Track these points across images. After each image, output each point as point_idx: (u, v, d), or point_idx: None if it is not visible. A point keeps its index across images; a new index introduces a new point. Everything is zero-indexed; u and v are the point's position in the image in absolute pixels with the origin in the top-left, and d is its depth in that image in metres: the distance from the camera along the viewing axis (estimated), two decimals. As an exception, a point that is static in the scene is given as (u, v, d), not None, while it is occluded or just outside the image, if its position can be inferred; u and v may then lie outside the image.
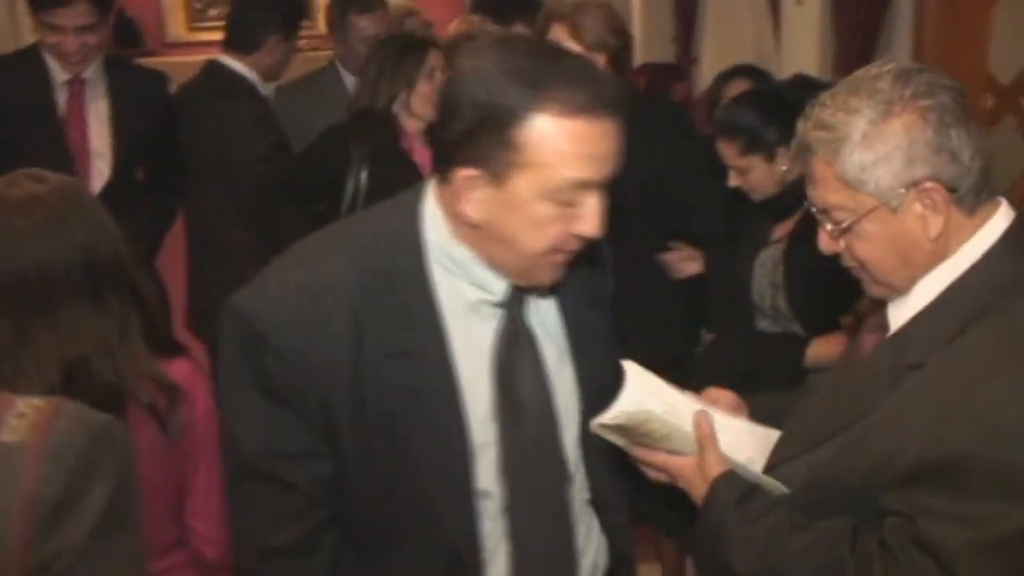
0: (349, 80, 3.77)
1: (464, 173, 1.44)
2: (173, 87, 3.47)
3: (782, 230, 2.70)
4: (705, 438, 1.60)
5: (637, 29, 6.85)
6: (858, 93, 1.46)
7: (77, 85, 3.18)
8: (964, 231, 1.47)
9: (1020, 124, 3.39)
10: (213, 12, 13.52)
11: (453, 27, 4.63)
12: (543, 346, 1.62)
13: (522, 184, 1.43)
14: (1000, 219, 1.49)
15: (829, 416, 1.57)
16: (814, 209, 1.55)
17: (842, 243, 1.52)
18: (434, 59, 3.13)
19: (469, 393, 1.55)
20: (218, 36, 3.70)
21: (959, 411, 1.37)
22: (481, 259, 1.53)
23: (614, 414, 1.56)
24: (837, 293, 2.20)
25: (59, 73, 3.16)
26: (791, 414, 1.71)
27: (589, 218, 1.47)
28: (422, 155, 3.16)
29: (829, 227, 1.52)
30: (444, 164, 1.48)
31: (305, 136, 3.35)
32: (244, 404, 1.52)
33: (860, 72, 1.51)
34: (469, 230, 1.50)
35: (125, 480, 1.08)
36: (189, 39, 13.43)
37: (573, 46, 2.93)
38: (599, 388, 1.62)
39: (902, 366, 1.47)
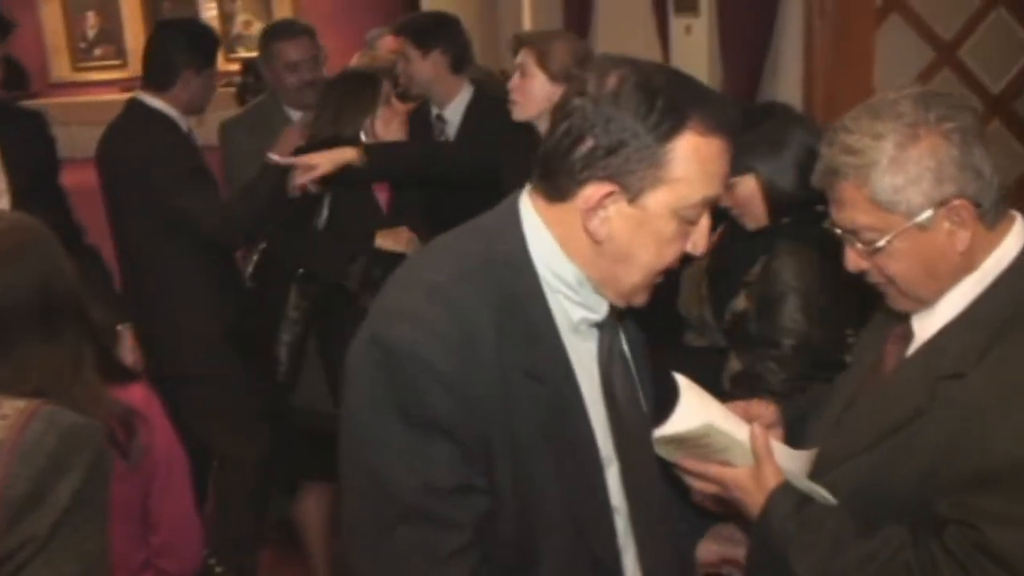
0: (289, 109, 3.80)
1: (599, 189, 1.41)
2: (51, 127, 3.45)
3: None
4: (762, 449, 1.62)
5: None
6: (881, 118, 1.50)
7: None
8: (987, 244, 1.52)
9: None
10: (98, 52, 13.38)
11: (355, 60, 4.62)
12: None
13: (658, 200, 1.42)
14: (1018, 231, 1.54)
15: (867, 425, 1.59)
16: (839, 230, 1.58)
17: (871, 262, 1.56)
18: (386, 87, 3.25)
19: (591, 411, 1.54)
20: (104, 76, 3.69)
21: (1014, 417, 1.41)
22: (591, 278, 1.51)
23: (676, 427, 1.57)
24: None
25: None
26: (820, 426, 1.74)
27: (699, 236, 1.48)
28: (380, 187, 3.26)
29: (859, 247, 1.56)
30: (566, 182, 1.44)
31: (255, 165, 3.33)
32: (400, 443, 1.42)
33: (877, 98, 1.55)
34: (586, 248, 1.48)
35: (94, 477, 1.15)
36: (74, 79, 13.22)
37: (538, 72, 3.01)
38: (652, 401, 1.67)
39: (936, 376, 1.50)
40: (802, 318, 2.20)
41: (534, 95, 3.03)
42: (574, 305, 1.52)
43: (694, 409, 1.58)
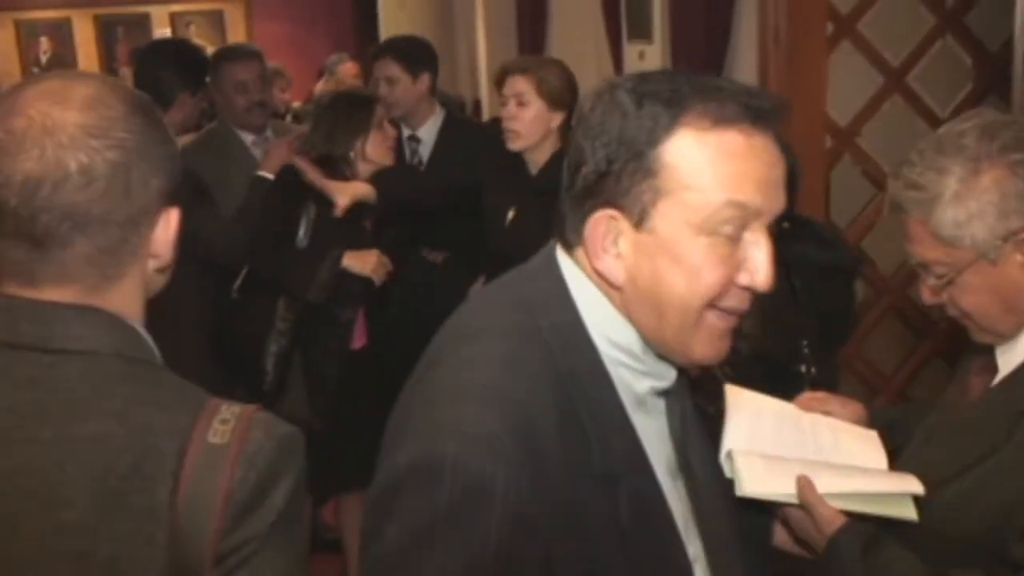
0: (240, 132, 3.80)
1: (599, 217, 1.21)
2: None
3: None
4: (809, 497, 1.52)
5: (484, 84, 6.97)
6: (944, 151, 1.48)
7: None
8: None
9: (857, 162, 3.57)
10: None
11: (321, 85, 4.65)
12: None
13: (667, 217, 1.18)
14: None
15: (944, 460, 1.56)
16: (913, 263, 1.56)
17: (945, 295, 1.54)
18: (380, 111, 3.32)
19: (672, 504, 1.29)
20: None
21: None
22: (651, 340, 1.26)
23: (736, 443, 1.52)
24: None
25: None
26: (901, 457, 1.70)
27: (757, 264, 1.21)
28: None
29: (931, 281, 1.54)
30: (573, 222, 1.24)
31: (220, 190, 3.38)
32: None
33: (944, 129, 1.54)
34: (618, 297, 1.24)
35: (299, 484, 1.21)
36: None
37: (535, 99, 3.01)
38: None
39: (1017, 412, 1.48)
40: (759, 326, 2.18)
41: (532, 123, 3.03)
42: (639, 376, 1.28)
43: (744, 429, 1.52)
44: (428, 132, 3.75)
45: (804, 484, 1.52)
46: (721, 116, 1.17)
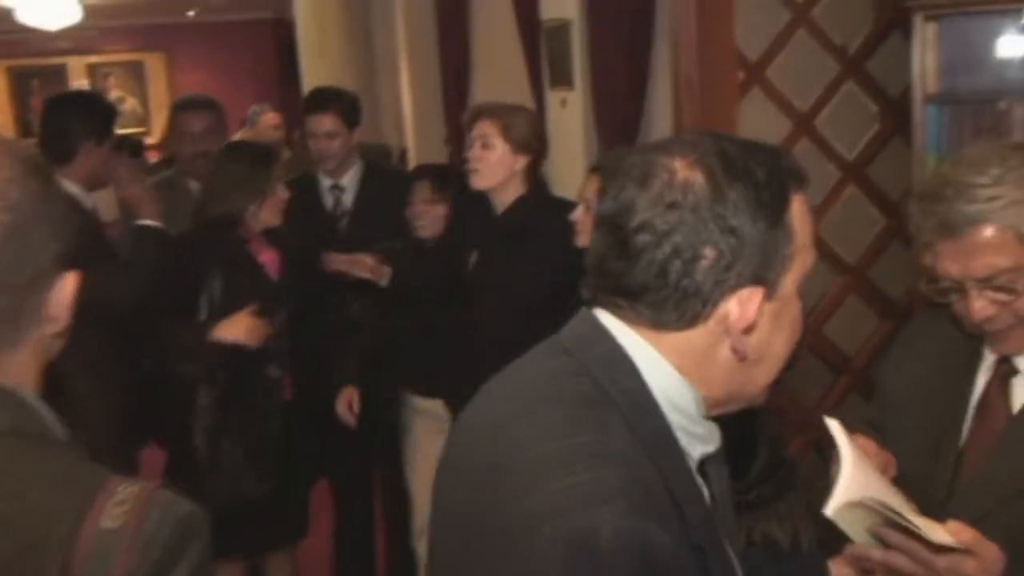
0: (189, 180, 3.91)
1: (751, 298, 1.18)
2: None
3: None
4: (972, 539, 1.46)
5: (410, 132, 7.07)
6: (1003, 162, 1.59)
7: None
8: None
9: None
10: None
11: (239, 135, 4.74)
12: None
13: (790, 281, 1.21)
14: None
15: (1002, 476, 1.60)
16: (972, 280, 1.62)
17: (1002, 306, 1.60)
18: (276, 171, 3.32)
19: None
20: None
21: None
22: (710, 398, 1.24)
23: (850, 495, 1.40)
24: None
25: None
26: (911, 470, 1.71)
27: (800, 311, 1.26)
28: (267, 255, 3.35)
29: (999, 295, 1.61)
30: (693, 307, 1.18)
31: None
32: None
33: (972, 152, 1.66)
34: (720, 369, 1.22)
35: (203, 563, 1.15)
36: None
37: (500, 143, 3.10)
38: None
39: None
40: None
41: (496, 165, 3.13)
42: (694, 441, 1.24)
43: (859, 472, 1.42)
44: (351, 180, 3.88)
45: (957, 528, 1.47)
46: (799, 176, 1.22)
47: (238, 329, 3.13)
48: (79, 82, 12.50)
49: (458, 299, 3.32)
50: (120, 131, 10.55)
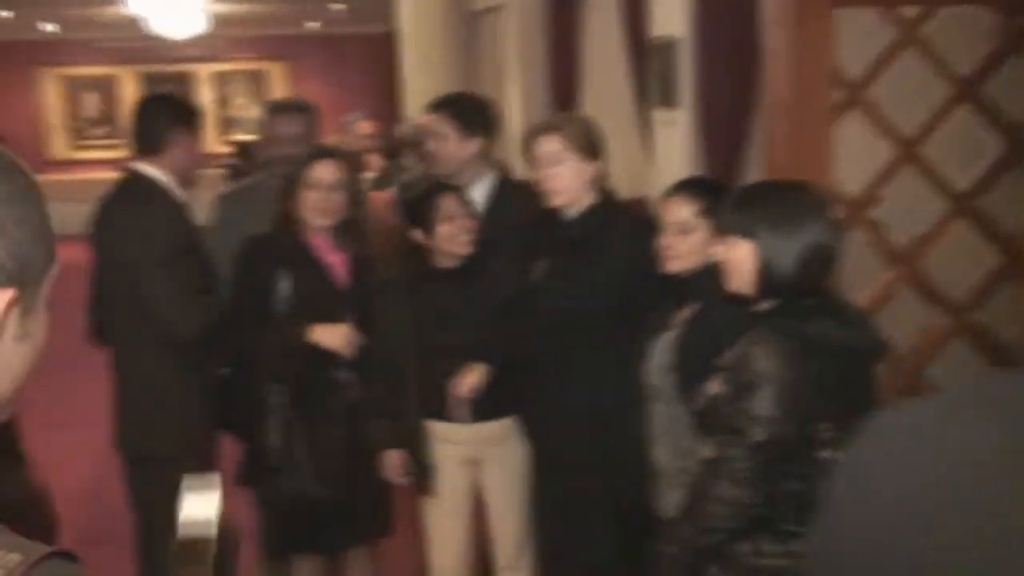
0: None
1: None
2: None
3: (680, 315, 2.76)
4: None
5: (518, 150, 7.06)
6: None
7: None
8: None
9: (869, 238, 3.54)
10: (97, 131, 13.57)
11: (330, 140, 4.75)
12: None
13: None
14: None
15: None
16: None
17: None
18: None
19: None
20: (100, 155, 3.73)
21: None
22: None
23: None
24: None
25: None
26: None
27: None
28: (335, 258, 3.30)
29: None
30: None
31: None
32: None
33: None
34: None
35: None
36: (71, 157, 13.44)
37: (568, 155, 3.06)
38: None
39: None
40: (775, 410, 2.12)
41: (572, 178, 3.06)
42: None
43: None
44: (479, 193, 3.61)
45: None
46: None
47: (336, 338, 3.17)
48: (202, 88, 12.87)
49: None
50: (242, 138, 10.82)
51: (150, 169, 3.33)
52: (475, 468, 3.32)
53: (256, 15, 11.50)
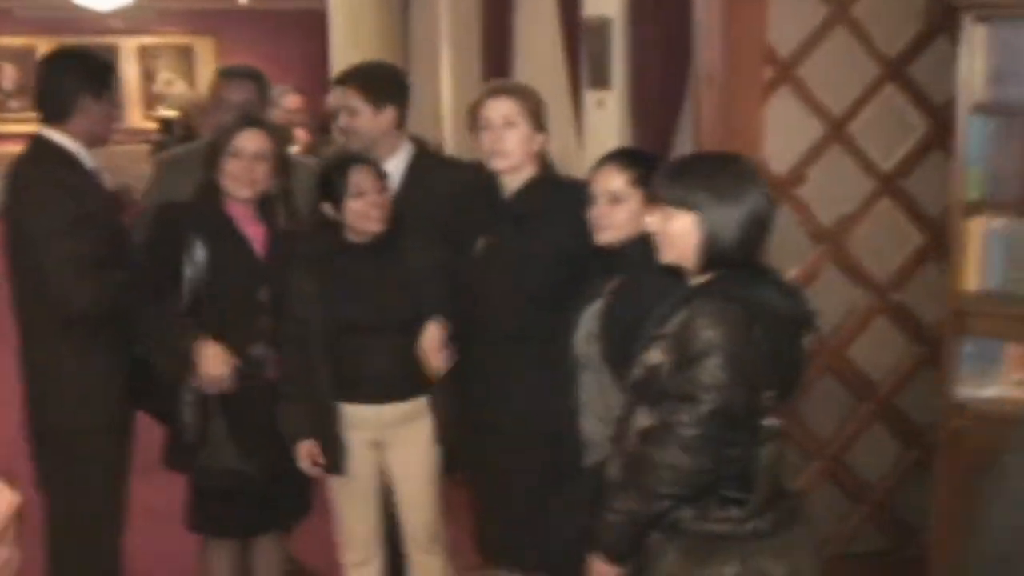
0: None
1: None
2: None
3: (609, 285, 2.73)
4: None
5: (447, 126, 7.03)
6: None
7: None
8: None
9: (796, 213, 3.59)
10: (13, 104, 13.22)
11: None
12: None
13: None
14: None
15: None
16: None
17: None
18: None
19: None
20: (17, 128, 3.60)
21: None
22: None
23: None
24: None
25: None
26: None
27: None
28: (255, 230, 3.20)
29: None
30: None
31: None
32: None
33: None
34: None
35: None
36: (-12, 131, 13.10)
37: (522, 120, 3.00)
38: None
39: None
40: (724, 377, 2.12)
41: (521, 144, 3.02)
42: None
43: None
44: (395, 166, 3.48)
45: None
46: None
47: (216, 366, 3.08)
48: (128, 63, 12.60)
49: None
50: (166, 113, 10.57)
51: (56, 135, 3.19)
52: (381, 451, 3.22)
53: (184, -13, 11.29)
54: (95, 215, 3.17)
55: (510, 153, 3.02)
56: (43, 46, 12.64)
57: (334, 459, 3.14)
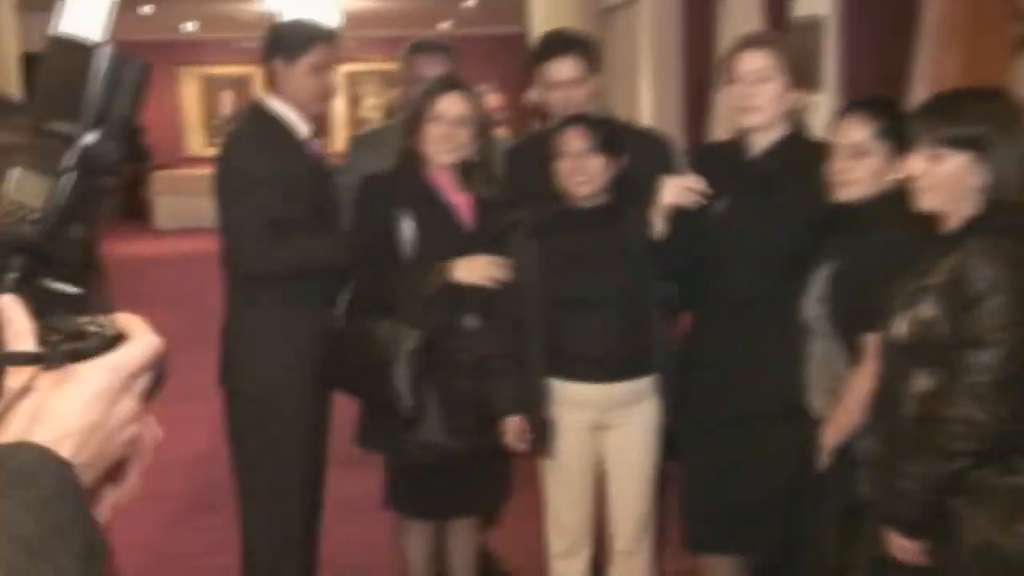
0: None
1: None
2: None
3: (842, 245, 2.57)
4: None
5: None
6: None
7: None
8: None
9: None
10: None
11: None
12: None
13: None
14: None
15: None
16: None
17: None
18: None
19: None
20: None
21: None
22: None
23: None
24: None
25: None
26: None
27: None
28: (460, 198, 3.10)
29: None
30: None
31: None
32: None
33: None
34: None
35: None
36: (206, 154, 13.86)
37: (776, 75, 2.79)
38: None
39: None
40: (1011, 316, 1.97)
41: (775, 100, 2.81)
42: None
43: None
44: None
45: None
46: None
47: (479, 271, 2.96)
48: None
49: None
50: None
51: (270, 99, 3.18)
52: (600, 435, 3.03)
53: (388, 13, 11.62)
54: (292, 180, 3.10)
55: (762, 108, 2.79)
56: (256, 75, 13.31)
57: (542, 438, 3.00)
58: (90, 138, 0.88)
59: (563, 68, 3.24)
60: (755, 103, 2.78)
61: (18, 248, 0.88)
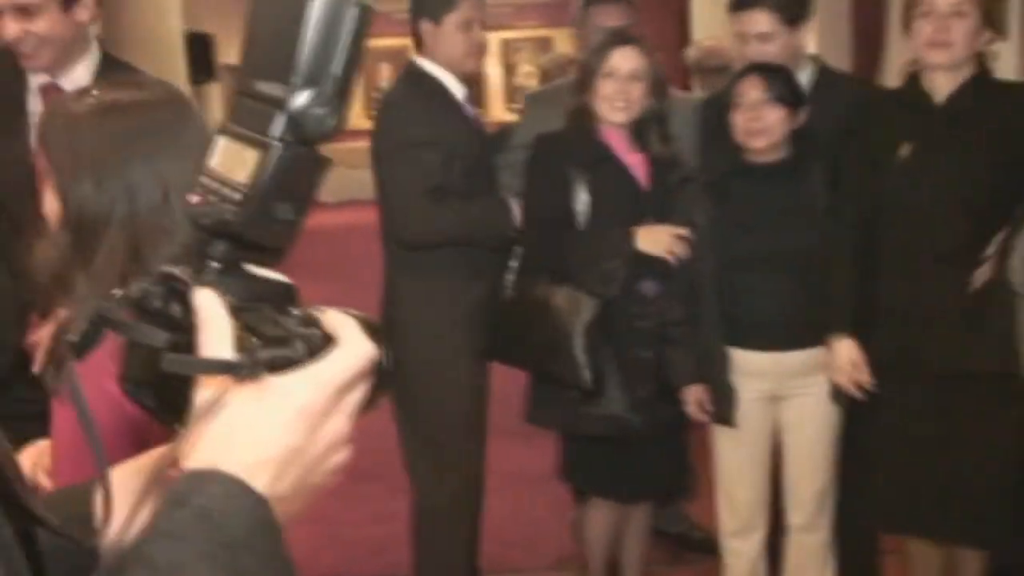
0: None
1: None
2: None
3: None
4: None
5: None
6: None
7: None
8: None
9: None
10: (389, 101, 14.18)
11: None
12: None
13: None
14: None
15: None
16: None
17: None
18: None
19: None
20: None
21: None
22: None
23: None
24: None
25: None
26: None
27: None
28: (634, 158, 2.98)
29: None
30: None
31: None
32: None
33: None
34: None
35: None
36: (364, 127, 14.05)
37: (972, 10, 2.61)
38: None
39: None
40: None
41: (969, 36, 2.62)
42: None
43: None
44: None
45: None
46: None
47: (662, 242, 2.85)
48: (491, 57, 13.05)
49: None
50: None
51: (423, 62, 3.13)
52: (776, 406, 2.90)
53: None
54: (451, 143, 3.05)
55: (953, 44, 2.62)
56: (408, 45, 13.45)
57: (724, 408, 2.87)
58: (302, 101, 0.73)
59: (755, 20, 3.06)
60: (949, 37, 2.60)
61: (221, 233, 0.75)
